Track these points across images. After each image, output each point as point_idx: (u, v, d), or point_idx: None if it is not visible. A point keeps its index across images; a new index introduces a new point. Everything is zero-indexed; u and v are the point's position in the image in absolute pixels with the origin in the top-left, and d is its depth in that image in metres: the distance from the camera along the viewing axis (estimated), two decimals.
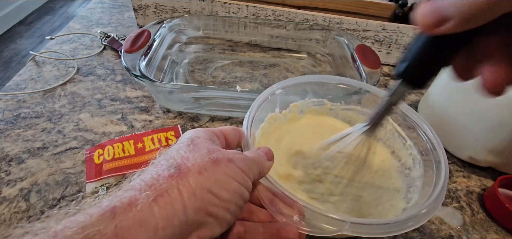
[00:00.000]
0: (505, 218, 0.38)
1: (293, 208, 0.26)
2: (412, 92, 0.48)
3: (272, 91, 0.38)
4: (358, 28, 0.63)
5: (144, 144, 0.43)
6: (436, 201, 0.28)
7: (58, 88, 0.52)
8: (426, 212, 0.27)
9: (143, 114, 0.48)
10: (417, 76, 0.23)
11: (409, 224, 0.26)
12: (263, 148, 0.29)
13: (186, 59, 0.61)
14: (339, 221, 0.25)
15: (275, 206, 0.27)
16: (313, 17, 0.63)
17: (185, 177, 0.21)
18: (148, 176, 0.21)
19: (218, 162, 0.23)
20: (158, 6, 0.66)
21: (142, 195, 0.20)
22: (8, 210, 0.34)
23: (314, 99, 0.42)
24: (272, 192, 0.28)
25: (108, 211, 0.18)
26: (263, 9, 0.63)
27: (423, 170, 0.34)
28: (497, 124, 0.39)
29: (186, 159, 0.23)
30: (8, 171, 0.39)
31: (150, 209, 0.19)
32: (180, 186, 0.21)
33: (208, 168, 0.22)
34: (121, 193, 0.20)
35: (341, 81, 0.41)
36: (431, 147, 0.34)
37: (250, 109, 0.35)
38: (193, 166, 0.22)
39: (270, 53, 0.66)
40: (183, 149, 0.24)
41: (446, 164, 0.31)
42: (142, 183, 0.21)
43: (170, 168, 0.22)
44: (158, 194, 0.20)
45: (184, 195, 0.20)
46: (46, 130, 0.44)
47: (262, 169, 0.27)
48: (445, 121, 0.45)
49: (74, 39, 0.65)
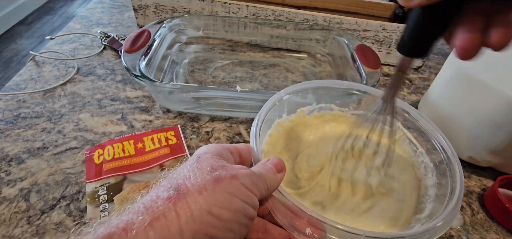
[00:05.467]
0: (505, 218, 0.38)
1: (311, 224, 0.25)
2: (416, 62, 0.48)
3: (280, 97, 0.37)
4: (358, 28, 0.63)
5: (144, 144, 0.43)
6: (452, 212, 0.27)
7: (58, 88, 0.52)
8: (442, 225, 0.26)
9: (143, 114, 0.48)
10: (415, 48, 0.24)
11: (425, 237, 0.25)
12: (272, 160, 0.28)
13: (186, 59, 0.61)
14: (355, 235, 0.25)
15: (292, 222, 0.26)
16: (313, 17, 0.63)
17: (183, 198, 0.21)
18: (147, 199, 0.21)
19: (220, 180, 0.22)
20: (158, 6, 0.66)
21: (138, 219, 0.19)
22: (8, 210, 0.34)
23: (322, 105, 0.41)
24: (286, 207, 0.26)
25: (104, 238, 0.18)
26: (263, 9, 0.63)
27: (436, 178, 0.33)
28: (497, 124, 0.39)
29: (187, 179, 0.22)
30: (8, 171, 0.39)
31: (145, 234, 0.19)
32: (177, 208, 0.20)
33: (209, 187, 0.22)
34: (119, 217, 0.20)
35: (350, 86, 0.40)
36: (444, 156, 0.33)
37: (257, 118, 0.34)
38: (193, 186, 0.22)
39: (270, 53, 0.66)
40: (187, 167, 0.23)
41: (461, 173, 0.30)
42: (140, 206, 0.20)
43: (169, 189, 0.21)
44: (155, 217, 0.19)
45: (181, 218, 0.20)
46: (46, 130, 0.44)
47: (270, 184, 0.26)
48: (445, 121, 0.45)
49: (74, 39, 0.65)
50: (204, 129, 0.47)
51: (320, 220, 0.25)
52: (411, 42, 0.24)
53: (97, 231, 0.19)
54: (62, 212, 0.35)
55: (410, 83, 0.62)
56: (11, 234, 0.32)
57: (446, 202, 0.29)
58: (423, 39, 0.23)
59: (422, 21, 0.22)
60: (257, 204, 0.24)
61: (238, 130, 0.48)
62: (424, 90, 0.60)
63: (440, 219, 0.26)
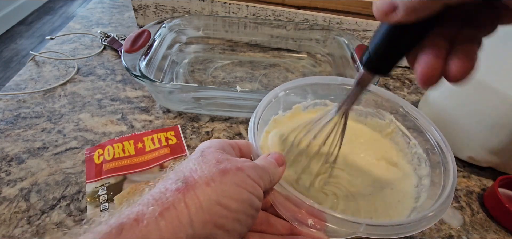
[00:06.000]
0: (505, 218, 0.38)
1: (313, 215, 0.26)
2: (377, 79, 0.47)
3: (276, 93, 0.38)
4: (358, 28, 0.63)
5: (144, 144, 0.43)
6: (447, 200, 0.28)
7: (58, 88, 0.52)
8: (437, 212, 0.27)
9: (143, 114, 0.49)
10: (379, 65, 0.23)
11: (423, 224, 0.26)
12: (273, 154, 0.29)
13: (186, 59, 0.61)
14: (355, 224, 0.25)
15: (294, 214, 0.26)
16: (313, 17, 0.63)
17: (192, 189, 0.21)
18: (156, 191, 0.21)
19: (226, 172, 0.23)
20: (158, 6, 0.66)
21: (148, 210, 0.20)
22: (8, 210, 0.34)
23: (317, 101, 0.42)
24: (289, 200, 0.27)
25: (115, 228, 0.19)
26: (263, 9, 0.63)
27: (430, 168, 0.34)
28: (497, 124, 0.39)
29: (194, 172, 0.23)
30: (8, 171, 0.39)
31: (156, 224, 0.19)
32: (186, 199, 0.21)
33: (216, 178, 0.22)
34: (130, 208, 0.20)
35: (344, 82, 0.41)
36: (438, 149, 0.34)
37: (255, 115, 0.34)
38: (200, 178, 0.22)
39: (270, 53, 0.66)
40: (192, 161, 0.24)
41: (453, 161, 0.32)
42: (150, 198, 0.21)
43: (177, 181, 0.22)
44: (165, 208, 0.20)
45: (191, 208, 0.20)
46: (46, 130, 0.44)
47: (273, 177, 0.26)
48: (445, 120, 0.45)
49: (74, 39, 0.65)
50: (204, 129, 0.47)
51: (321, 211, 0.26)
52: (378, 59, 0.23)
53: (109, 221, 0.19)
54: (62, 212, 0.35)
55: (410, 83, 0.62)
56: (11, 234, 0.32)
57: (440, 189, 0.30)
58: (391, 57, 0.22)
59: (394, 39, 0.21)
60: (262, 195, 0.24)
61: (238, 130, 0.48)
62: (424, 90, 0.60)
63: (436, 206, 0.28)
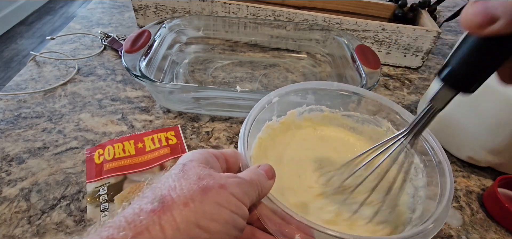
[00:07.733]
0: (504, 218, 0.38)
1: (300, 230, 0.25)
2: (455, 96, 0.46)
3: (269, 99, 0.37)
4: (358, 28, 0.63)
5: (144, 144, 0.43)
6: (443, 212, 0.27)
7: (58, 88, 0.52)
8: (434, 226, 0.26)
9: (143, 114, 0.49)
10: (463, 80, 0.21)
11: None
12: (263, 166, 0.27)
13: (186, 59, 0.61)
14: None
15: (280, 229, 0.25)
16: (313, 17, 0.63)
17: (169, 210, 0.19)
18: (130, 211, 0.19)
19: (207, 190, 0.21)
20: (158, 7, 0.66)
21: (119, 235, 0.18)
22: (8, 210, 0.35)
23: (312, 106, 0.41)
24: (275, 213, 0.26)
25: None
26: (263, 9, 0.63)
27: (427, 179, 0.33)
28: (497, 124, 0.39)
29: (172, 189, 0.21)
30: (8, 170, 0.39)
31: None
32: (162, 221, 0.19)
33: (196, 198, 0.20)
34: (99, 232, 0.18)
35: (340, 87, 0.40)
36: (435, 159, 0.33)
37: (246, 121, 0.33)
38: (179, 197, 0.20)
39: (270, 53, 0.66)
40: (172, 177, 0.22)
41: (451, 174, 0.30)
42: (122, 220, 0.19)
43: (153, 201, 0.20)
44: (137, 232, 0.18)
45: (167, 232, 0.19)
46: (47, 130, 0.44)
47: (261, 190, 0.25)
48: (444, 121, 0.45)
49: (74, 40, 0.65)
50: (204, 129, 0.47)
51: (309, 226, 0.25)
52: (464, 74, 0.20)
53: None
54: (62, 212, 0.35)
55: (410, 83, 0.62)
56: (11, 234, 0.33)
57: (436, 202, 0.29)
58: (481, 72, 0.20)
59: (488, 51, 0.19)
60: (247, 214, 0.23)
61: (238, 130, 0.48)
62: (423, 90, 0.61)
63: (430, 222, 0.26)
